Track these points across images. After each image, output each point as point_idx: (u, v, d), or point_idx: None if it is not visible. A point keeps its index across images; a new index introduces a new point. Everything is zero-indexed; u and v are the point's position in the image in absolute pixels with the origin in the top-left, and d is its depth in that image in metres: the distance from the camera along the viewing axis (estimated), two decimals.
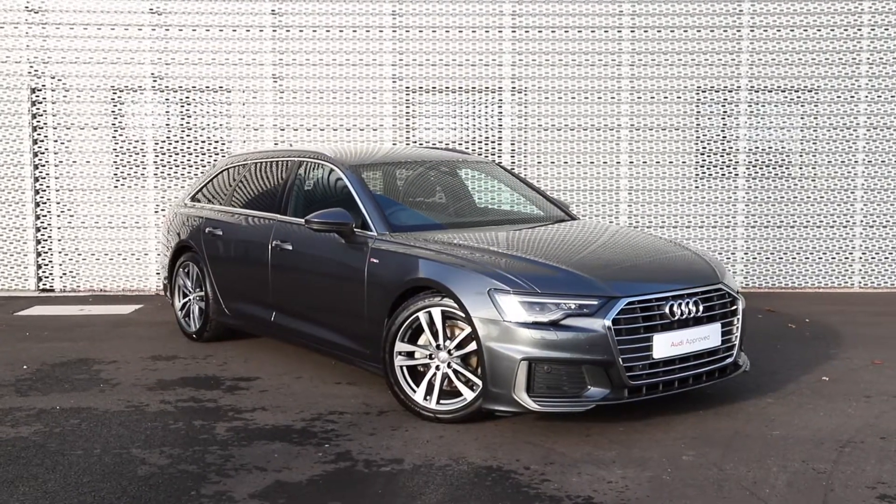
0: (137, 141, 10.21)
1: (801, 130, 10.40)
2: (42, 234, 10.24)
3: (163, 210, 10.22)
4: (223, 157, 10.10)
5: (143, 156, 10.21)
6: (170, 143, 10.24)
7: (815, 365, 6.74)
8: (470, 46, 10.16)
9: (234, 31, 10.11)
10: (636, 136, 10.25)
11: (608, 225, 6.97)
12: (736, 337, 5.53)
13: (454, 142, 10.27)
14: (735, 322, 5.52)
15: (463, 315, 5.16)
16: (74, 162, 10.20)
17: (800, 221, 10.35)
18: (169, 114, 10.23)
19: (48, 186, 10.20)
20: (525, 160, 10.31)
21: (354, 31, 10.13)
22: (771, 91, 10.27)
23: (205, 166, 10.24)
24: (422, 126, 10.29)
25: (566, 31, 10.15)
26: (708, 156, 10.34)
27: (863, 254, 10.37)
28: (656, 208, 10.28)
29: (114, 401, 5.86)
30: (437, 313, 5.28)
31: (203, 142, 10.26)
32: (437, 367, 5.31)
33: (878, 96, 10.24)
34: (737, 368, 5.62)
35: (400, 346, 5.42)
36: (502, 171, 7.37)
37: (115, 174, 10.25)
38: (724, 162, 10.34)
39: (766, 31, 10.16)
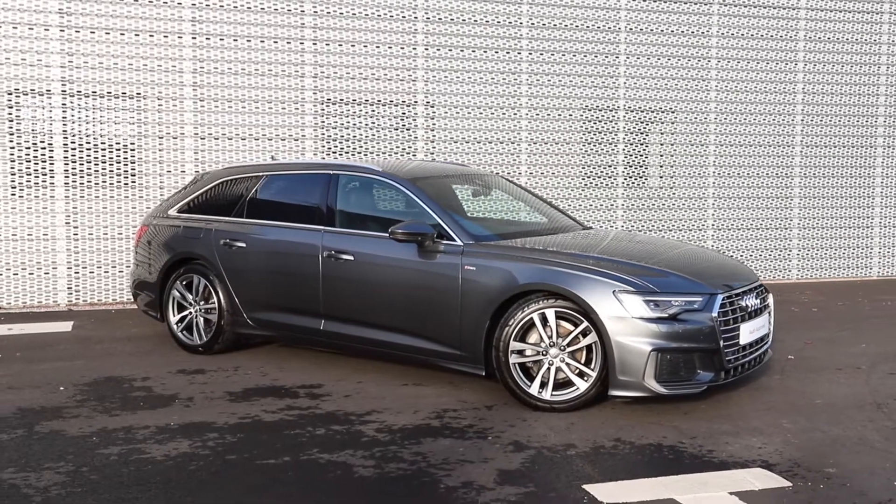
0: (45, 147, 9.63)
1: (661, 146, 11.89)
2: None
3: (74, 223, 9.72)
4: (207, 169, 9.86)
5: (52, 164, 9.65)
6: (81, 151, 9.76)
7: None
8: (386, 62, 10.61)
9: (152, 36, 9.85)
10: (534, 150, 11.22)
11: (638, 232, 7.83)
12: (772, 325, 6.62)
13: (372, 151, 10.67)
14: (771, 312, 6.61)
15: (579, 315, 5.80)
16: None
17: (665, 226, 11.84)
18: (78, 119, 9.74)
19: None
20: None
21: (276, 42, 10.24)
22: (644, 111, 11.67)
23: (120, 175, 9.87)
24: (341, 137, 10.58)
25: (473, 52, 10.90)
26: (592, 168, 11.53)
27: None
28: None
29: (215, 414, 5.85)
30: (550, 314, 5.88)
31: (118, 150, 9.89)
32: (550, 363, 5.91)
33: (725, 118, 11.97)
34: (768, 353, 6.72)
35: (514, 346, 5.95)
36: (507, 183, 8.00)
37: (16, 183, 9.61)
38: (606, 173, 11.58)
39: (638, 59, 11.52)
